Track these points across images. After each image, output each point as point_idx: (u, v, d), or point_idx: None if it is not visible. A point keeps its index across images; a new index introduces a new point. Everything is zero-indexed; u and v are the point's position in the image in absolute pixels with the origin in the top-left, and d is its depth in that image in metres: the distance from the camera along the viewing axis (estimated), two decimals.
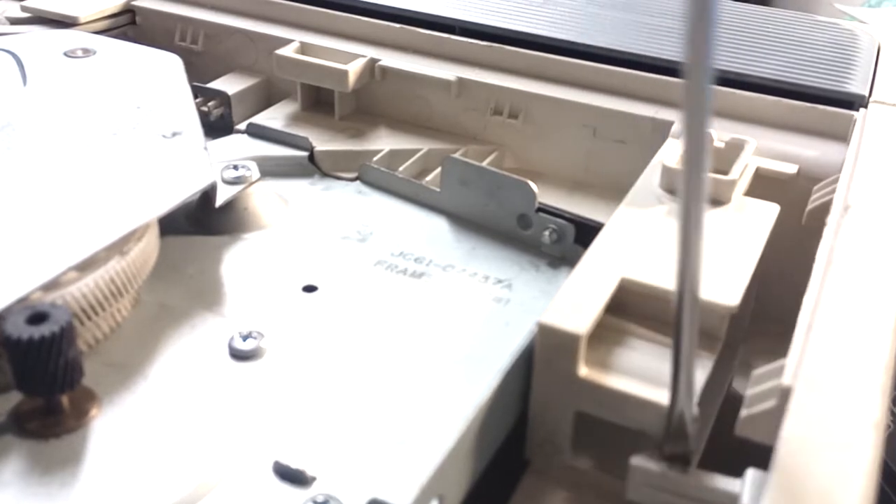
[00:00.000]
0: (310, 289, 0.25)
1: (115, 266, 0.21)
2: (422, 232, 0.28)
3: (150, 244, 0.22)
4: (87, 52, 0.32)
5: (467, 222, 0.28)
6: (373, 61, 0.33)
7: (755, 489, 0.16)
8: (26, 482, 0.18)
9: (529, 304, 0.25)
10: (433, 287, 0.25)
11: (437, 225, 0.28)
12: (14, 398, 0.20)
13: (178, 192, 0.23)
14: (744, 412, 0.17)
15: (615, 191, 0.24)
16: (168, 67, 0.31)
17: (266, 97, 0.35)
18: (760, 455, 0.17)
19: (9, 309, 0.18)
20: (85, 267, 0.20)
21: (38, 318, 0.18)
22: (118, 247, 0.21)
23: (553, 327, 0.19)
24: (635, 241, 0.22)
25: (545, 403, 0.20)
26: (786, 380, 0.16)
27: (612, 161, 0.29)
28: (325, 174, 0.31)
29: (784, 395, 0.16)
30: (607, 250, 0.22)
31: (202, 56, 0.36)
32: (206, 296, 0.24)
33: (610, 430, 0.20)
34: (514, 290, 0.25)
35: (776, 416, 0.16)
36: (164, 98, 0.29)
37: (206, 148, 0.26)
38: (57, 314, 0.18)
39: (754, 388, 0.17)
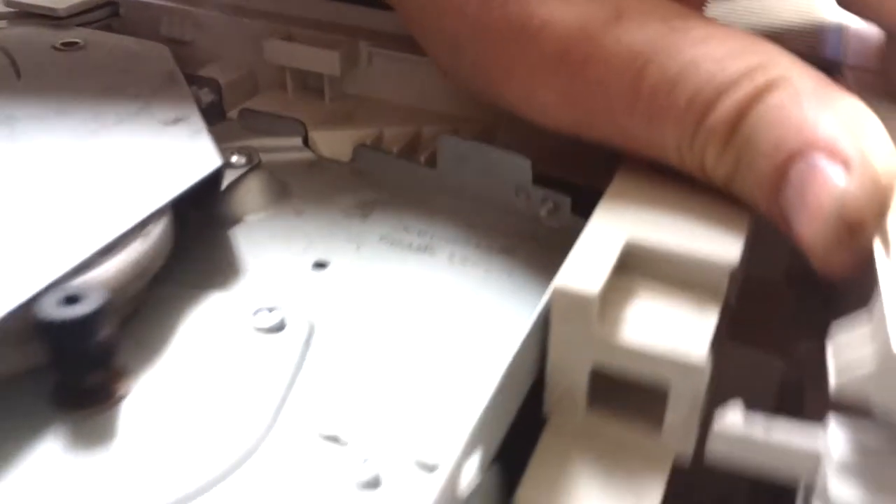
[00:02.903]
0: (321, 265, 0.25)
1: (138, 248, 0.21)
2: (421, 208, 0.28)
3: (168, 225, 0.23)
4: (75, 44, 0.32)
5: (464, 198, 0.29)
6: (360, 45, 0.33)
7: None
8: (63, 458, 0.19)
9: (534, 272, 0.25)
10: (439, 259, 0.26)
11: (436, 201, 0.29)
12: (47, 378, 0.20)
13: (191, 175, 0.24)
14: (835, 380, 0.18)
15: (612, 156, 0.25)
16: (157, 57, 0.32)
17: (253, 86, 0.36)
18: None
19: (41, 293, 0.19)
20: (109, 250, 0.21)
21: (72, 299, 0.19)
22: (139, 229, 0.22)
23: (568, 290, 0.20)
24: (638, 203, 0.23)
25: (562, 363, 0.21)
26: (894, 340, 0.16)
27: None
28: (320, 157, 0.31)
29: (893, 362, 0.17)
30: (611, 213, 0.23)
31: (189, 46, 0.36)
32: (222, 276, 0.25)
33: (623, 385, 0.21)
34: (517, 259, 0.26)
35: (882, 381, 0.17)
36: (159, 86, 0.29)
37: (208, 133, 0.26)
38: (90, 296, 0.19)
39: (840, 357, 0.18)
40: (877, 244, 0.20)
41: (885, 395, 0.17)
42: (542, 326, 0.21)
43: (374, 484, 0.18)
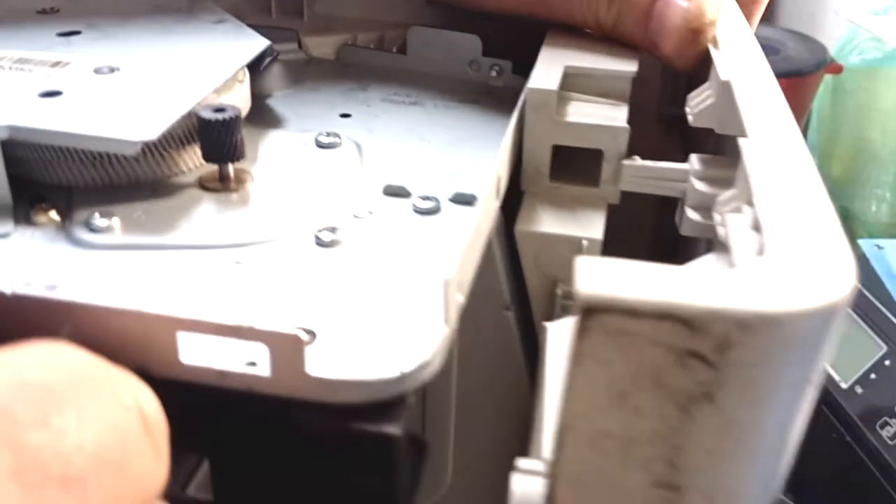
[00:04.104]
0: (346, 115, 0.35)
1: (241, 90, 0.31)
2: (402, 81, 0.39)
3: (248, 80, 0.32)
4: None
5: (431, 74, 0.39)
6: None
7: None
8: (212, 219, 0.28)
9: (496, 108, 0.36)
10: (429, 108, 0.36)
11: (411, 78, 0.39)
12: (187, 179, 0.29)
13: (253, 47, 0.33)
14: (692, 116, 0.29)
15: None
16: None
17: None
18: None
19: (196, 106, 0.28)
20: (220, 90, 0.30)
21: (219, 109, 0.28)
22: (238, 76, 0.31)
23: (538, 88, 0.31)
24: (565, 49, 0.34)
25: (534, 143, 0.31)
26: (723, 76, 0.28)
27: None
28: (312, 57, 0.41)
29: (725, 87, 0.28)
30: (550, 54, 0.34)
31: None
32: (280, 122, 0.34)
33: (572, 160, 0.32)
34: (481, 104, 0.37)
35: (719, 106, 0.28)
36: (188, 4, 0.38)
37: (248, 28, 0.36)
38: (230, 108, 0.28)
39: (694, 104, 0.30)
40: (710, 46, 0.32)
41: (722, 115, 0.29)
42: (518, 128, 0.31)
43: (435, 210, 0.29)
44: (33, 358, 0.17)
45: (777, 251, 0.17)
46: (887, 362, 0.61)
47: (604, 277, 0.15)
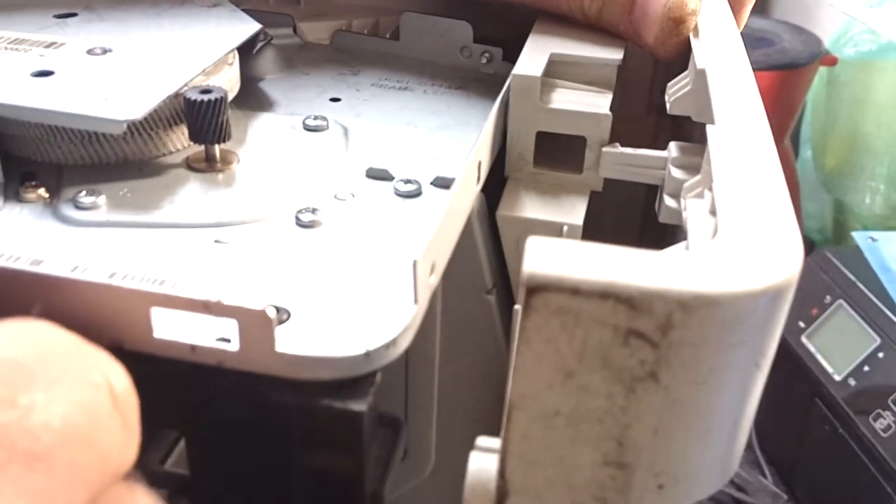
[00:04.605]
0: (335, 99, 0.36)
1: (230, 72, 0.31)
2: (393, 66, 0.39)
3: (238, 63, 0.32)
4: None
5: (422, 60, 0.40)
6: None
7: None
8: (196, 198, 0.28)
9: (485, 95, 0.37)
10: (417, 93, 0.37)
11: (402, 63, 0.40)
12: (174, 159, 0.30)
13: (244, 31, 0.34)
14: (670, 103, 0.30)
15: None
16: None
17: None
18: None
19: (183, 88, 0.29)
20: (210, 72, 0.31)
21: (206, 91, 0.29)
22: (227, 58, 0.31)
23: (522, 74, 0.31)
24: (552, 36, 0.34)
25: (518, 130, 0.32)
26: (700, 65, 0.29)
27: None
28: (306, 41, 0.41)
29: (700, 75, 0.28)
30: (537, 42, 0.34)
31: None
32: (272, 105, 0.35)
33: (556, 147, 0.32)
34: (470, 91, 0.37)
35: (695, 93, 0.29)
36: None
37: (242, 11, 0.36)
38: (217, 90, 0.29)
39: (672, 92, 0.30)
40: (691, 36, 0.32)
41: (696, 103, 0.29)
42: (502, 112, 0.31)
43: (416, 194, 0.29)
44: (4, 335, 0.18)
45: (727, 234, 0.18)
46: (881, 354, 0.61)
47: (550, 257, 0.16)
